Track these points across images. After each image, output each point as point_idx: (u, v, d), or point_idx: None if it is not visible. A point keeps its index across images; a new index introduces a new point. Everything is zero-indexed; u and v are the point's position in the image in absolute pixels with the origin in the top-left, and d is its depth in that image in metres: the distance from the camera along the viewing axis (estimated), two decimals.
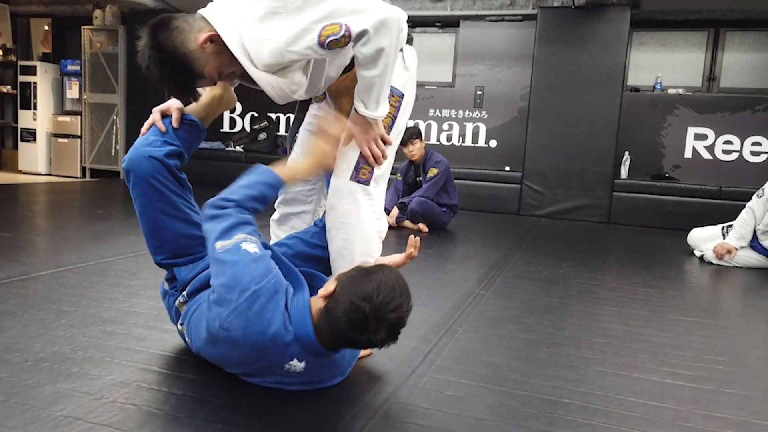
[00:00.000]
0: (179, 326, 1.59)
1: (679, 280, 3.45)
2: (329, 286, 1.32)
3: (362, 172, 1.62)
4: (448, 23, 6.59)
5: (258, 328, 1.28)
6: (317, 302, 1.33)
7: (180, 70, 1.43)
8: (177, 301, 1.59)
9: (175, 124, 1.61)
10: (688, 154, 5.99)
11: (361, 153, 1.61)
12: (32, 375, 1.47)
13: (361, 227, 1.62)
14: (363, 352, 1.69)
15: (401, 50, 1.66)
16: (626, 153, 6.00)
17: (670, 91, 6.04)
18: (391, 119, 1.66)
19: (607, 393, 1.60)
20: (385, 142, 1.63)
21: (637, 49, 6.21)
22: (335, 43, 1.39)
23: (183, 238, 1.62)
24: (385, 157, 1.64)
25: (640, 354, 1.95)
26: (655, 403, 1.55)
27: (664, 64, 6.15)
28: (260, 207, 1.46)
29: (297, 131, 1.91)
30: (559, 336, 2.10)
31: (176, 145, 1.60)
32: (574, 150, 5.89)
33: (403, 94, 1.68)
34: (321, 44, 1.39)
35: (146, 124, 1.63)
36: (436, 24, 6.65)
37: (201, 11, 1.46)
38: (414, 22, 6.33)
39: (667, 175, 5.97)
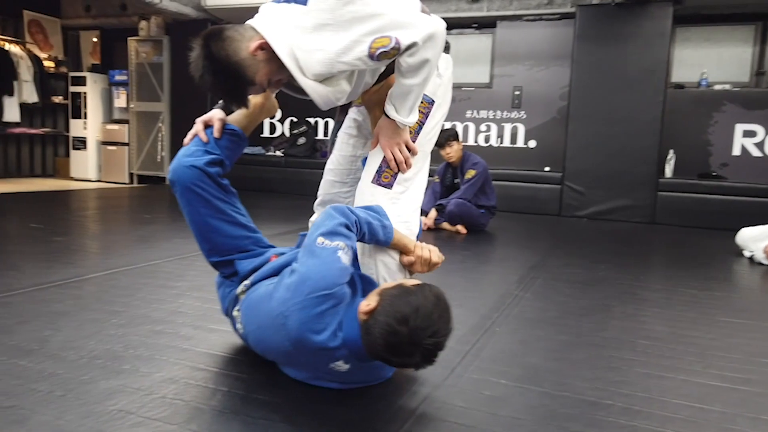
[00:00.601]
0: (234, 312, 1.64)
1: (728, 281, 3.35)
2: (371, 301, 1.33)
3: (384, 176, 1.65)
4: (485, 24, 6.55)
5: (313, 328, 1.31)
6: (360, 314, 1.34)
7: (232, 78, 1.47)
8: (238, 290, 1.64)
9: (216, 134, 1.67)
10: (736, 151, 5.78)
11: (384, 156, 1.64)
12: (87, 371, 1.54)
13: None
14: None
15: None
16: (671, 152, 5.83)
17: (717, 87, 5.84)
18: (418, 125, 1.68)
19: (650, 395, 1.58)
20: (409, 150, 1.65)
21: (680, 45, 6.04)
22: (385, 55, 1.43)
23: (231, 239, 1.68)
24: (409, 164, 1.65)
25: (686, 356, 1.91)
26: (700, 405, 1.52)
27: (709, 59, 5.96)
28: (366, 236, 1.51)
29: (336, 134, 1.95)
30: (599, 337, 2.07)
31: (216, 154, 1.65)
32: (616, 149, 5.75)
33: (433, 101, 1.69)
34: (371, 56, 1.42)
35: (189, 135, 1.69)
36: (473, 25, 6.63)
37: (249, 22, 1.51)
38: (450, 24, 6.26)
39: (714, 173, 5.77)
